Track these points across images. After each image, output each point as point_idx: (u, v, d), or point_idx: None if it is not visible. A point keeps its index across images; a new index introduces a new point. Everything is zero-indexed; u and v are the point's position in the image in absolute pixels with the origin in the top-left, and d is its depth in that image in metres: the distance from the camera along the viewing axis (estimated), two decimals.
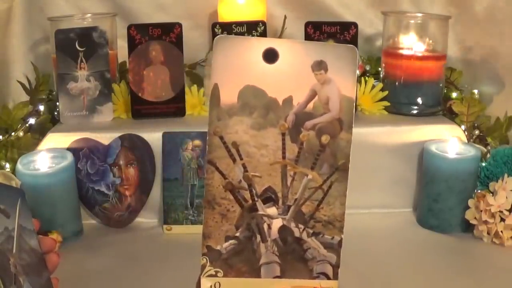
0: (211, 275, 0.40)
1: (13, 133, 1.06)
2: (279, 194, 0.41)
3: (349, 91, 0.39)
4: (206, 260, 0.40)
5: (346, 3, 1.29)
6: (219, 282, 0.40)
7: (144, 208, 1.04)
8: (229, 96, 0.39)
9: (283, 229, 0.41)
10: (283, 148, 0.40)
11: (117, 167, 1.02)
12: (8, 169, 0.98)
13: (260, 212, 0.41)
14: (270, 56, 0.39)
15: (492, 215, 0.93)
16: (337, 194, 0.41)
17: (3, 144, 1.03)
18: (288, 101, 0.39)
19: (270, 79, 0.39)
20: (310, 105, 0.40)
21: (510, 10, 1.12)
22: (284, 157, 0.40)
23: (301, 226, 0.41)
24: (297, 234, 0.41)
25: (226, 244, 0.40)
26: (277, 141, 0.40)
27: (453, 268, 0.88)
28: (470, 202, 0.96)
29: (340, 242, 0.41)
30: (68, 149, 1.01)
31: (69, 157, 0.98)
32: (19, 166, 0.94)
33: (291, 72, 0.39)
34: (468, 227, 0.98)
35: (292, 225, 0.41)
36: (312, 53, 0.39)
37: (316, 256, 0.41)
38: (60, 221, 0.95)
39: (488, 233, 0.94)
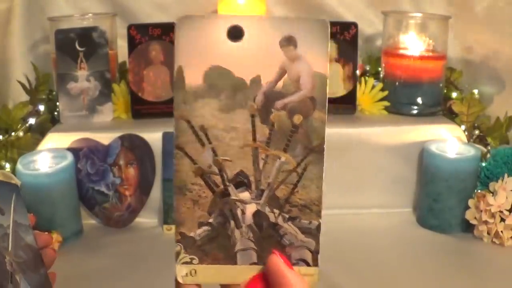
0: (186, 262, 0.40)
1: (13, 133, 1.06)
2: (252, 178, 0.39)
3: (321, 67, 0.37)
4: (180, 247, 0.40)
5: (346, 3, 1.29)
6: (195, 269, 0.40)
7: (144, 208, 1.04)
8: (194, 78, 0.38)
9: (257, 214, 0.39)
10: (253, 130, 0.38)
11: (117, 167, 1.02)
12: (8, 169, 0.98)
13: (233, 197, 0.39)
14: (236, 33, 0.37)
15: (492, 215, 0.93)
16: (313, 176, 0.39)
17: (3, 144, 1.03)
18: (256, 80, 0.38)
19: (236, 58, 0.37)
20: (280, 84, 0.38)
21: (510, 10, 1.12)
22: (254, 140, 0.39)
23: (276, 211, 0.39)
24: (272, 219, 0.40)
25: (200, 230, 0.39)
26: (247, 123, 0.38)
27: (453, 268, 0.88)
28: (470, 202, 0.96)
29: (318, 227, 0.40)
30: (68, 149, 1.01)
31: (69, 157, 0.97)
32: (19, 166, 0.94)
33: (258, 50, 0.37)
34: (468, 227, 0.98)
35: (267, 210, 0.40)
36: (280, 28, 0.37)
37: (293, 242, 0.40)
38: (60, 221, 0.95)
39: (488, 233, 0.94)
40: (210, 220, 0.40)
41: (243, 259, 0.40)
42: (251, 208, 0.40)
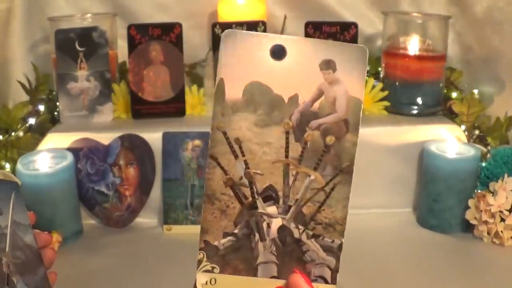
0: (207, 271, 0.40)
1: (13, 133, 1.06)
2: (280, 193, 0.40)
3: (357, 92, 0.39)
4: (203, 255, 0.40)
5: (346, 3, 1.29)
6: (215, 278, 0.40)
7: (144, 208, 1.04)
8: (234, 92, 0.39)
9: (282, 229, 0.40)
10: (287, 147, 0.40)
11: (117, 167, 1.02)
12: (8, 169, 0.98)
13: (260, 210, 0.40)
14: (278, 53, 0.38)
15: (492, 215, 0.93)
16: (340, 197, 0.40)
17: (3, 144, 1.03)
18: (294, 99, 0.39)
19: (276, 76, 0.38)
20: (316, 105, 0.39)
21: (510, 10, 1.12)
22: (287, 156, 0.40)
23: (301, 227, 0.40)
24: (296, 235, 0.40)
25: (224, 240, 0.40)
26: (281, 139, 0.39)
27: (453, 268, 0.88)
28: (470, 202, 0.96)
29: (340, 246, 0.40)
30: (68, 149, 1.01)
31: (69, 157, 0.97)
32: (19, 166, 0.94)
33: (298, 70, 0.38)
34: (468, 227, 0.98)
35: (292, 225, 0.40)
36: (320, 51, 0.38)
37: (315, 259, 0.40)
38: (60, 221, 0.95)
39: (488, 233, 0.94)
40: (236, 231, 0.40)
41: (264, 272, 0.40)
42: (276, 223, 0.40)
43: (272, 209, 0.40)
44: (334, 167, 0.40)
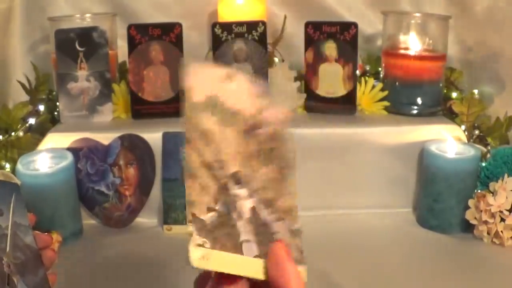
0: (199, 245, 0.41)
1: (13, 133, 1.06)
2: (245, 179, 0.44)
3: (284, 109, 0.46)
4: (193, 227, 0.41)
5: (346, 3, 1.29)
6: (208, 254, 0.41)
7: (144, 208, 1.04)
8: (199, 97, 0.45)
9: (253, 211, 0.43)
10: (242, 144, 0.44)
11: (117, 167, 1.02)
12: (8, 169, 0.98)
13: (232, 191, 0.43)
14: (229, 77, 0.47)
15: (492, 215, 0.93)
16: (290, 186, 0.44)
17: (3, 144, 1.03)
18: (243, 110, 0.45)
19: (229, 95, 0.46)
20: (260, 116, 0.46)
21: (510, 10, 1.12)
22: (243, 151, 0.44)
23: (266, 211, 0.43)
24: (264, 216, 0.43)
25: (208, 215, 0.42)
26: (237, 138, 0.44)
27: (453, 268, 0.88)
28: (470, 202, 0.96)
29: (299, 230, 0.44)
30: (68, 149, 1.01)
31: (69, 157, 0.97)
32: (19, 166, 0.94)
33: (242, 93, 0.46)
34: (468, 227, 0.98)
35: (260, 207, 0.43)
36: (255, 84, 0.47)
37: (283, 240, 0.43)
38: (60, 221, 0.95)
39: (488, 233, 0.95)
40: (217, 207, 0.42)
41: (247, 251, 0.41)
42: (247, 204, 0.43)
43: (242, 192, 0.43)
44: (280, 162, 0.45)
